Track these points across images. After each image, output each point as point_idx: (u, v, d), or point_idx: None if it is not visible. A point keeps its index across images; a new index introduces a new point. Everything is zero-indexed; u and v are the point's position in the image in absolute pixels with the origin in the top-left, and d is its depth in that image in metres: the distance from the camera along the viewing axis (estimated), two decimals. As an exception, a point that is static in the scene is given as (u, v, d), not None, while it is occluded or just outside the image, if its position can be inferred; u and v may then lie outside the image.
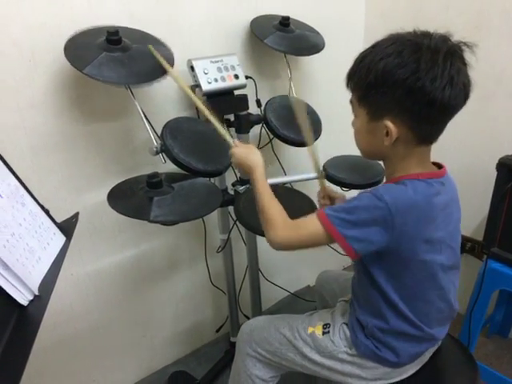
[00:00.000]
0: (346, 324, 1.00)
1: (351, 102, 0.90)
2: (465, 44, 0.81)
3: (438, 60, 0.76)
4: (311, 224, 0.87)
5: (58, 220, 0.81)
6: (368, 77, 0.81)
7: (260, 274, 1.62)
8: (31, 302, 0.64)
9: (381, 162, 1.04)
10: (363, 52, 0.85)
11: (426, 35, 0.80)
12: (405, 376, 0.99)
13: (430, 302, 0.92)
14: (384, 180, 0.97)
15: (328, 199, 1.15)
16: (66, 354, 1.37)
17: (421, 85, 0.76)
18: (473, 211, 1.56)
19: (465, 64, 0.81)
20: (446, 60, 0.77)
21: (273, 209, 0.94)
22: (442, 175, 0.89)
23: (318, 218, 0.86)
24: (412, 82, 0.77)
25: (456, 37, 0.81)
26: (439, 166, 0.92)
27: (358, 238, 0.82)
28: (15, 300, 0.61)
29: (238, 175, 1.44)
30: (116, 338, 1.50)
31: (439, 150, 0.91)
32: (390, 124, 0.81)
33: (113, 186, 1.12)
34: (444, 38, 0.80)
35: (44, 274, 0.69)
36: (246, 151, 1.00)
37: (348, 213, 0.83)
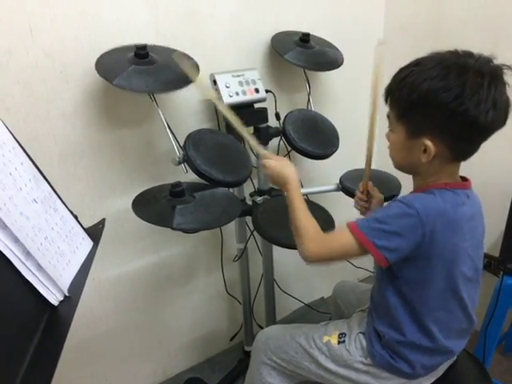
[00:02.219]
0: (363, 333, 1.01)
1: (388, 116, 0.91)
2: (508, 67, 0.81)
3: (483, 84, 0.77)
4: (342, 236, 0.88)
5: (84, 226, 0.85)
6: (410, 96, 0.82)
7: (275, 284, 1.64)
8: (61, 302, 0.67)
9: (398, 174, 1.05)
10: (404, 69, 0.85)
11: (470, 55, 0.81)
12: (418, 388, 1.00)
13: (451, 312, 0.93)
14: (412, 190, 0.96)
15: (366, 195, 1.14)
16: (83, 356, 1.40)
17: (464, 109, 0.77)
18: (489, 227, 1.54)
19: (505, 86, 0.82)
20: (490, 84, 0.78)
21: (306, 222, 0.94)
22: (468, 187, 0.91)
23: (349, 229, 0.87)
24: (455, 106, 0.78)
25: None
26: (464, 179, 0.93)
27: (389, 247, 0.84)
28: (47, 300, 0.65)
29: (256, 186, 1.47)
30: (133, 343, 1.53)
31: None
32: (429, 143, 0.83)
33: (135, 193, 1.16)
34: (487, 60, 0.81)
35: (73, 277, 0.73)
36: (281, 163, 1.00)
37: (379, 222, 0.84)
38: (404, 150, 0.89)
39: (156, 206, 1.08)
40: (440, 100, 0.78)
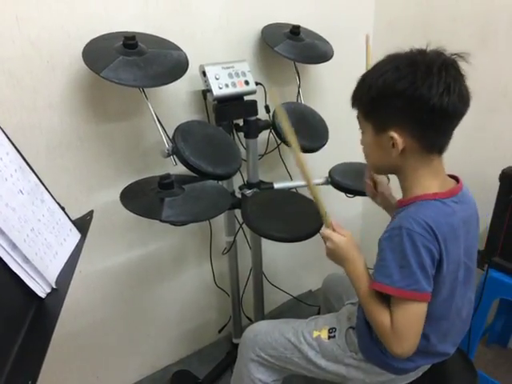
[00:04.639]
0: (353, 328, 1.02)
1: (358, 118, 0.92)
2: (458, 55, 0.83)
3: (432, 70, 0.79)
4: (399, 312, 0.83)
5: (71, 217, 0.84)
6: (370, 93, 0.85)
7: (263, 276, 1.65)
8: (49, 294, 0.66)
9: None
10: (364, 73, 0.89)
11: (421, 52, 0.83)
12: (406, 382, 1.01)
13: (449, 320, 0.92)
14: (401, 195, 0.95)
15: (373, 182, 1.14)
16: (70, 349, 1.40)
17: (419, 93, 0.79)
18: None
19: (461, 74, 0.83)
20: (440, 70, 0.79)
21: (373, 313, 0.88)
22: (457, 192, 0.89)
23: (399, 298, 0.83)
24: (411, 92, 0.80)
25: (461, 49, 0.84)
26: (456, 178, 0.92)
27: (428, 282, 0.82)
28: (34, 292, 0.64)
29: (246, 179, 1.47)
30: (120, 335, 1.52)
31: (443, 160, 0.92)
32: (395, 134, 0.83)
33: (123, 185, 1.15)
34: (438, 53, 0.83)
35: (60, 269, 0.72)
36: (347, 243, 0.94)
37: (402, 267, 0.82)
38: (376, 148, 0.90)
39: (144, 199, 1.07)
40: (396, 89, 0.81)
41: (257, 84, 1.38)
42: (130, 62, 1.06)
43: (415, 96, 0.79)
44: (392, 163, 0.88)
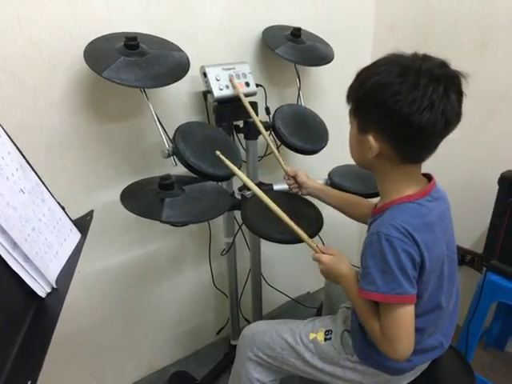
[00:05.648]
0: (348, 331, 1.02)
1: (349, 111, 0.92)
2: (460, 74, 0.81)
3: (420, 84, 0.77)
4: (391, 318, 0.84)
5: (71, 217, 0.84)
6: (358, 92, 0.85)
7: (262, 278, 1.65)
8: (49, 294, 0.66)
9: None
10: (362, 69, 0.87)
11: (423, 59, 0.81)
12: (404, 382, 1.01)
13: (438, 313, 0.93)
14: (379, 198, 0.97)
15: (293, 179, 1.26)
16: (68, 349, 1.39)
17: (399, 106, 0.77)
18: (473, 224, 1.59)
19: (457, 93, 0.80)
20: (429, 84, 0.77)
21: (368, 321, 0.90)
22: (430, 190, 0.89)
23: (385, 303, 0.84)
24: (392, 104, 0.78)
25: (462, 53, 0.82)
26: (429, 177, 0.93)
27: (412, 284, 0.83)
28: (34, 292, 0.64)
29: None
30: (118, 336, 1.52)
31: (442, 163, 0.92)
32: (371, 140, 0.84)
33: (123, 186, 1.15)
34: (440, 63, 0.80)
35: (61, 269, 0.72)
36: (335, 260, 0.98)
37: (384, 272, 0.82)
38: (357, 145, 0.90)
39: (145, 199, 1.07)
40: (380, 97, 0.80)
41: (257, 86, 1.38)
42: (131, 63, 1.06)
43: (395, 109, 0.78)
44: (368, 162, 0.89)
